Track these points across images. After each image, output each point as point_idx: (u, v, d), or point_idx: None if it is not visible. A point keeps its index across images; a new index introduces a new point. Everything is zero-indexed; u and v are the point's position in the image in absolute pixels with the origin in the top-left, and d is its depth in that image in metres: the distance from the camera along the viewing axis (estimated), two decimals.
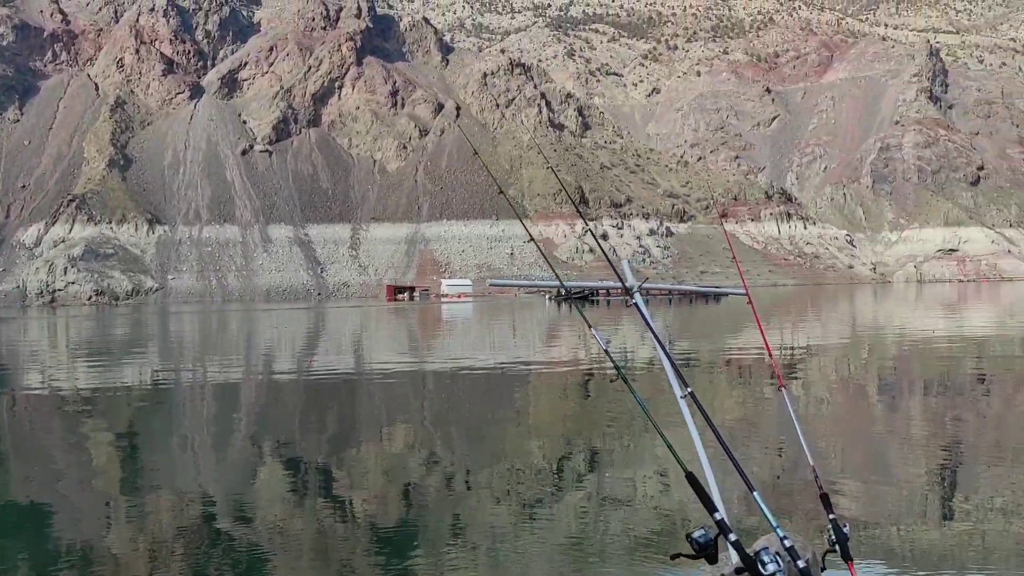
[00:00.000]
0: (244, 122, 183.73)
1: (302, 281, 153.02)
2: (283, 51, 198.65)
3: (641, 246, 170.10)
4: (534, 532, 7.69)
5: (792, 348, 28.21)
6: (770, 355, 4.36)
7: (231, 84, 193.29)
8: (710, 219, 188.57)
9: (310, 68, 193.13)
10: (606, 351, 3.92)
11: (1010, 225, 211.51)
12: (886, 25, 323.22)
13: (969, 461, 10.18)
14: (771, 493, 7.28)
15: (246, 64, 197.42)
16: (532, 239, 5.19)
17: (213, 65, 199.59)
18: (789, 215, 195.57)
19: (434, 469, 10.55)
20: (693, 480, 3.31)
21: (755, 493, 3.44)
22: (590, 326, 4.08)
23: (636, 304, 3.95)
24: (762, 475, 7.83)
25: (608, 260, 4.38)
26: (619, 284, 4.08)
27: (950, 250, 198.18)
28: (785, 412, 4.12)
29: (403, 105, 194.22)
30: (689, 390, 3.65)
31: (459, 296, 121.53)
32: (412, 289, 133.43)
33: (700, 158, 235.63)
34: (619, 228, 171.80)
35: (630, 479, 9.34)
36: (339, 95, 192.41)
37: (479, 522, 8.12)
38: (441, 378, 21.01)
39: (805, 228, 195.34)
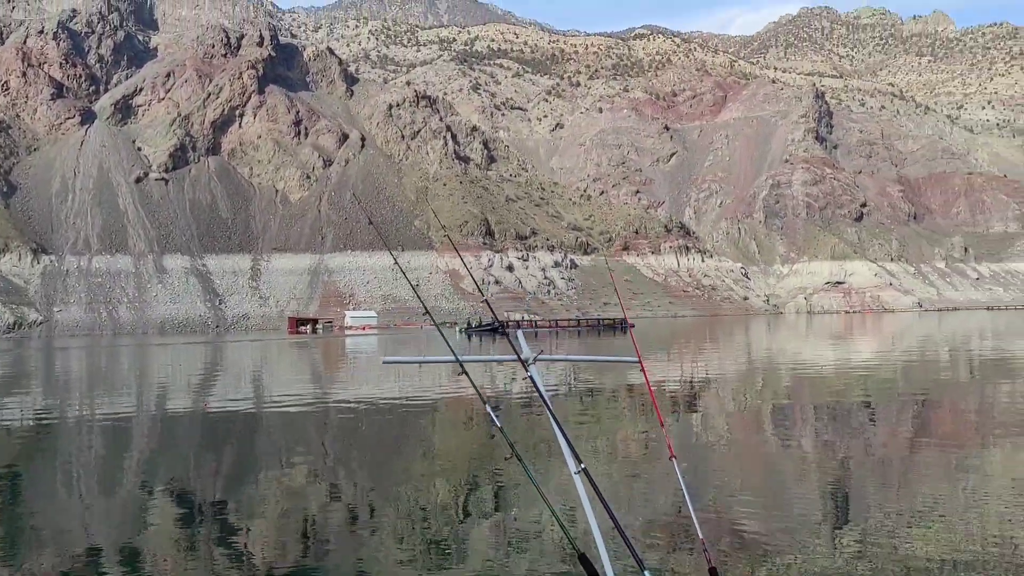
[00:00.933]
0: (139, 149, 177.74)
1: (199, 313, 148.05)
2: (181, 77, 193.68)
3: (546, 278, 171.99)
4: (438, 574, 7.58)
5: (691, 379, 28.96)
6: (662, 425, 4.43)
7: (125, 110, 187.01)
8: (612, 251, 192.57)
9: (210, 95, 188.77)
10: (500, 430, 3.85)
11: (891, 259, 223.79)
12: (775, 68, 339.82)
13: (858, 488, 10.61)
14: (666, 570, 7.38)
15: (141, 89, 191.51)
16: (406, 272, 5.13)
17: (106, 90, 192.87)
18: (687, 248, 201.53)
19: (336, 506, 10.30)
20: (585, 561, 3.31)
21: (645, 572, 3.42)
22: (484, 402, 4.03)
23: (531, 377, 3.93)
24: (656, 550, 7.93)
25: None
26: (515, 357, 4.07)
27: (837, 283, 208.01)
28: (677, 483, 4.14)
29: (306, 135, 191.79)
30: (583, 466, 3.66)
31: (364, 328, 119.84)
32: (315, 321, 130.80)
33: (602, 192, 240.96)
34: (524, 260, 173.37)
35: (536, 517, 9.32)
36: (240, 123, 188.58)
37: (382, 563, 7.95)
38: (344, 412, 20.60)
39: (703, 261, 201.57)
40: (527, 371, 3.98)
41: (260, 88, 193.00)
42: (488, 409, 3.95)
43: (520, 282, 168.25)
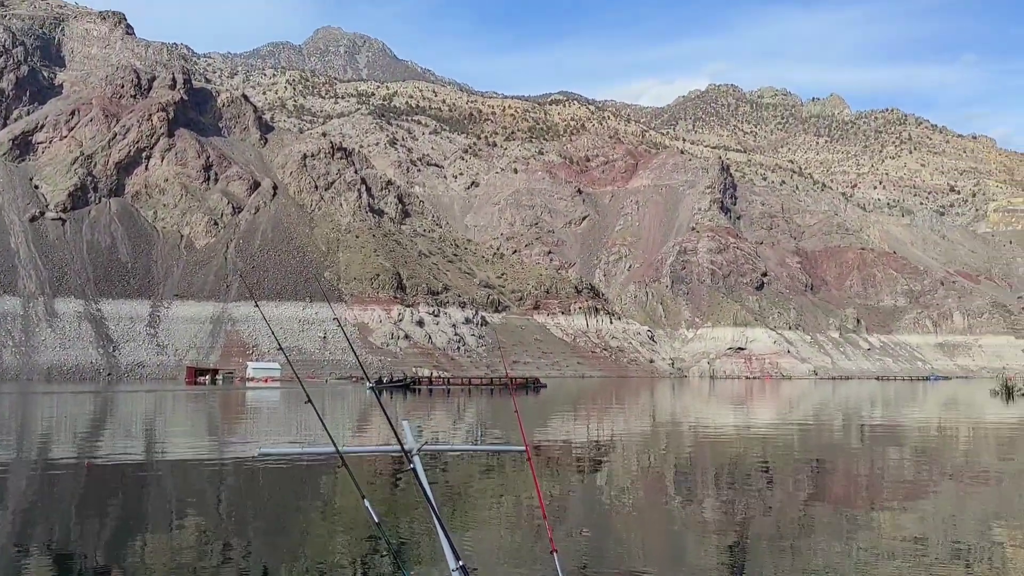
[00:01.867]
0: (36, 187, 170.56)
1: (91, 360, 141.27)
2: (86, 116, 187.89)
3: (456, 334, 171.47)
4: None
5: (595, 442, 29.14)
6: (544, 518, 4.41)
7: (24, 146, 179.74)
8: (523, 310, 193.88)
9: (116, 136, 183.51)
10: (378, 525, 3.78)
11: (789, 327, 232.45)
12: (684, 140, 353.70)
13: (754, 551, 10.78)
14: None
15: (43, 126, 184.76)
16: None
17: (5, 125, 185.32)
18: (597, 310, 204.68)
19: (227, 566, 9.82)
20: None
21: None
22: (363, 496, 3.93)
23: (414, 470, 3.86)
24: None
25: (359, 363, 4.32)
26: (398, 448, 3.99)
27: (738, 348, 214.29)
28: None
29: (216, 180, 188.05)
30: (461, 563, 3.63)
31: (266, 380, 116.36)
32: (215, 372, 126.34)
33: (515, 251, 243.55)
34: (435, 315, 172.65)
35: None
36: (146, 165, 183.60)
37: None
38: (240, 467, 19.84)
39: (611, 323, 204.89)
40: (410, 463, 3.88)
41: (170, 131, 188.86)
42: (366, 504, 3.84)
43: (430, 337, 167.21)
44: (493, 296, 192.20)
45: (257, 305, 8.21)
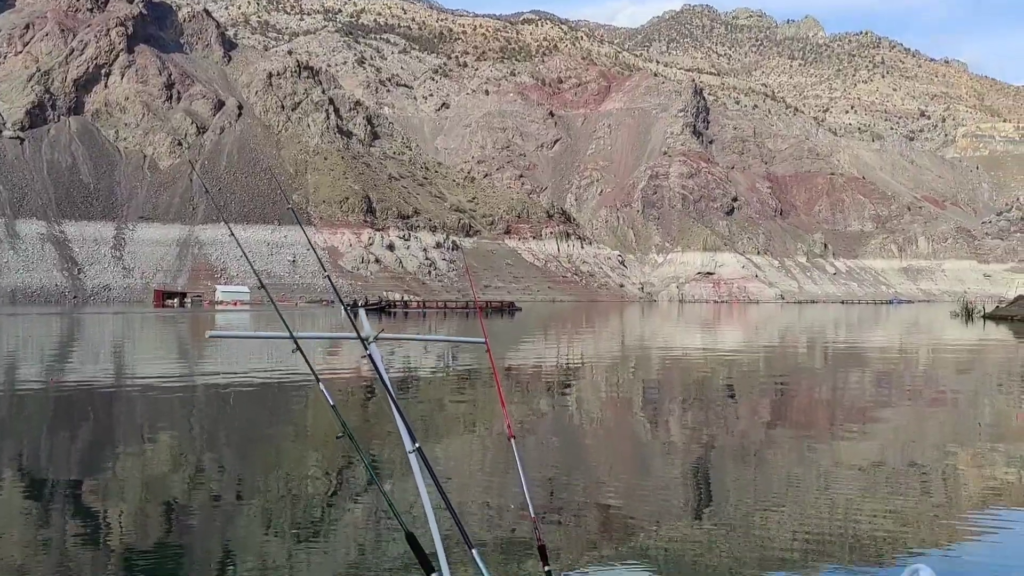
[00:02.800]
0: None
1: (55, 283, 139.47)
2: (41, 30, 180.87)
3: (427, 258, 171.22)
4: (308, 556, 7.42)
5: (567, 362, 29.55)
6: (502, 404, 4.47)
7: None
8: (495, 235, 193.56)
9: (73, 51, 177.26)
10: (333, 408, 3.84)
11: (758, 252, 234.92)
12: (657, 62, 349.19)
13: (716, 470, 11.08)
14: (498, 547, 7.50)
15: None
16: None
17: None
18: (568, 235, 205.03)
19: (200, 487, 9.92)
20: (412, 540, 3.40)
21: (474, 551, 3.49)
22: (318, 380, 3.95)
23: (371, 356, 3.90)
24: (487, 528, 8.06)
25: (346, 311, 4.29)
26: (354, 335, 4.00)
27: (707, 273, 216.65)
28: (514, 463, 4.21)
29: (179, 99, 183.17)
30: (417, 445, 3.68)
31: (235, 304, 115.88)
32: (183, 295, 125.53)
33: (486, 175, 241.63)
34: (406, 240, 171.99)
35: (413, 497, 9.26)
36: (106, 83, 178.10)
37: (247, 543, 7.72)
38: (211, 391, 19.88)
39: (582, 248, 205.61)
40: (366, 349, 3.92)
41: (129, 47, 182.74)
42: (321, 387, 3.87)
43: (401, 262, 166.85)
44: (464, 220, 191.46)
45: (230, 229, 8.02)
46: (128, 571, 6.99)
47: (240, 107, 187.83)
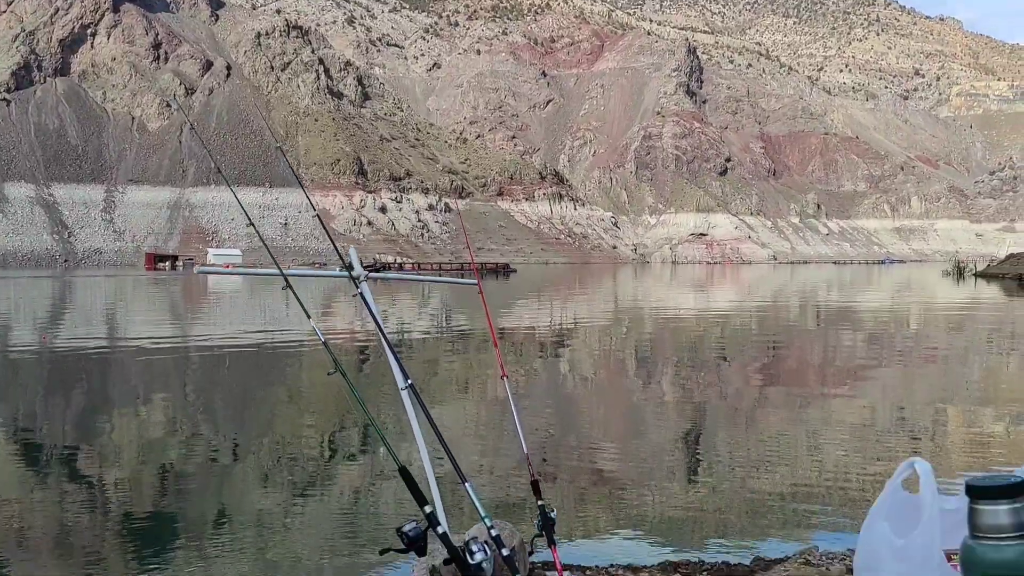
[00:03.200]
0: None
1: (46, 246, 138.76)
2: None
3: (420, 220, 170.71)
4: (296, 516, 7.48)
5: (560, 324, 29.64)
6: (495, 344, 4.49)
7: None
8: (487, 196, 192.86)
9: (58, 11, 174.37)
10: (325, 344, 3.86)
11: (751, 213, 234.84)
12: (651, 20, 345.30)
13: (708, 426, 11.18)
14: (490, 483, 7.57)
15: None
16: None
17: None
18: (561, 196, 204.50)
19: (195, 449, 9.97)
20: (405, 474, 3.39)
21: (466, 484, 3.50)
22: (309, 316, 3.96)
23: (361, 293, 3.91)
24: (484, 465, 8.14)
25: (335, 248, 4.31)
26: (345, 274, 4.01)
27: (700, 234, 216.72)
28: (507, 401, 4.27)
29: (167, 60, 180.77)
30: (409, 382, 3.68)
31: (226, 266, 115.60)
32: (175, 258, 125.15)
33: (479, 136, 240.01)
34: (398, 202, 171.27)
35: (406, 457, 9.32)
36: (92, 43, 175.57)
37: (243, 504, 7.77)
38: (205, 353, 19.90)
39: (575, 209, 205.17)
40: (357, 288, 3.93)
41: (115, 6, 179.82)
42: (312, 324, 3.87)
43: (393, 224, 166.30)
44: (456, 182, 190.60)
45: (232, 189, 7.94)
46: (126, 532, 7.04)
47: (229, 68, 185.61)
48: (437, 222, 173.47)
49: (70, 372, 16.78)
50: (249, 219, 5.12)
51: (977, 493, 1.68)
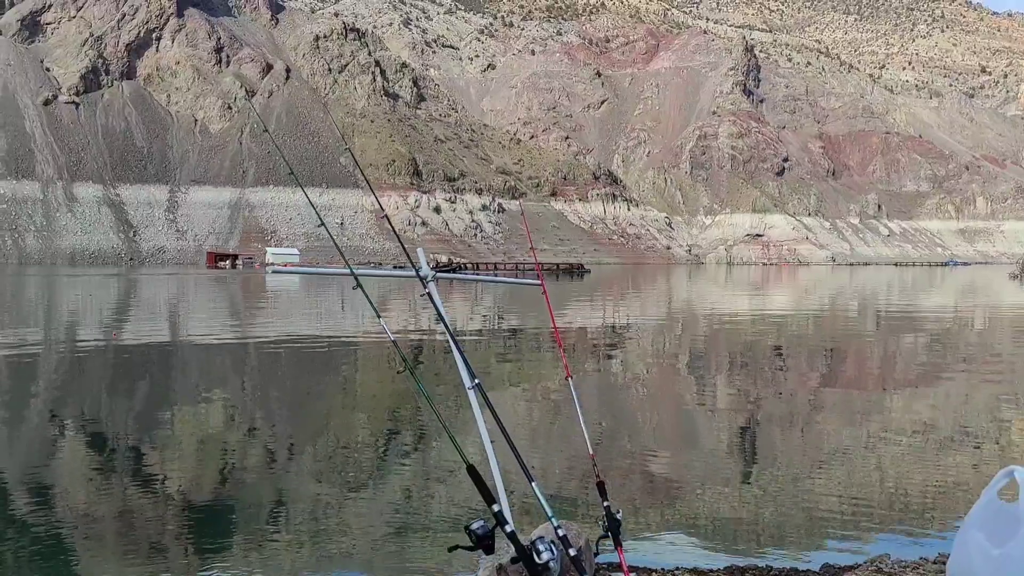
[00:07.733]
0: (47, 69, 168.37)
1: (112, 245, 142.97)
2: None
3: (473, 221, 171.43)
4: (356, 512, 7.61)
5: (614, 324, 29.50)
6: (560, 346, 4.51)
7: (32, 27, 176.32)
8: (540, 197, 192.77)
9: (124, 16, 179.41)
10: (394, 343, 3.93)
11: (808, 214, 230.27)
12: (707, 19, 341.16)
13: (763, 427, 11.03)
14: (555, 482, 7.59)
15: (50, 6, 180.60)
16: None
17: (12, 5, 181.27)
18: (614, 196, 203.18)
19: (254, 445, 10.21)
20: (473, 472, 3.40)
21: (533, 484, 3.55)
22: (379, 316, 4.03)
23: (429, 294, 3.96)
24: (548, 465, 8.14)
25: (403, 248, 4.37)
26: (413, 274, 4.07)
27: (756, 235, 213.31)
28: (572, 402, 4.31)
29: (228, 63, 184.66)
30: (476, 381, 3.73)
31: (285, 265, 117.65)
32: (235, 257, 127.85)
33: (532, 136, 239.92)
34: (452, 202, 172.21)
35: (473, 436, 9.39)
36: (157, 47, 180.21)
37: (300, 498, 7.94)
38: (264, 350, 20.31)
39: (629, 210, 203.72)
40: (425, 288, 3.99)
41: (179, 11, 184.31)
42: (382, 323, 3.96)
43: (447, 224, 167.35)
44: (510, 182, 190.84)
45: (303, 189, 8.15)
46: (187, 522, 7.26)
47: (288, 70, 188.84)
48: (491, 222, 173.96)
49: (135, 368, 17.29)
50: (320, 219, 5.27)
51: None
